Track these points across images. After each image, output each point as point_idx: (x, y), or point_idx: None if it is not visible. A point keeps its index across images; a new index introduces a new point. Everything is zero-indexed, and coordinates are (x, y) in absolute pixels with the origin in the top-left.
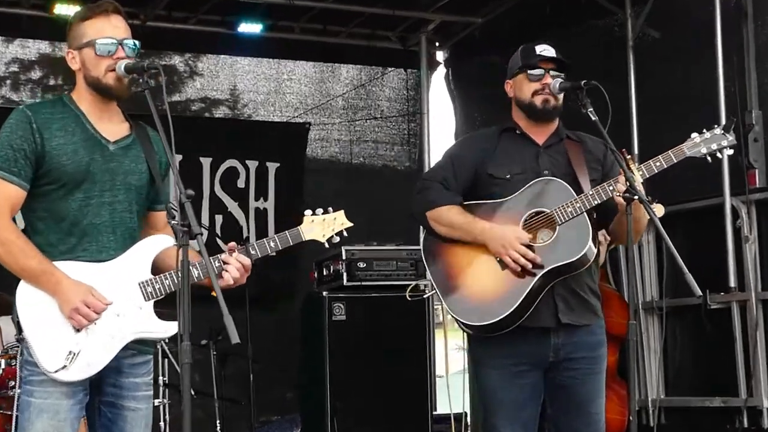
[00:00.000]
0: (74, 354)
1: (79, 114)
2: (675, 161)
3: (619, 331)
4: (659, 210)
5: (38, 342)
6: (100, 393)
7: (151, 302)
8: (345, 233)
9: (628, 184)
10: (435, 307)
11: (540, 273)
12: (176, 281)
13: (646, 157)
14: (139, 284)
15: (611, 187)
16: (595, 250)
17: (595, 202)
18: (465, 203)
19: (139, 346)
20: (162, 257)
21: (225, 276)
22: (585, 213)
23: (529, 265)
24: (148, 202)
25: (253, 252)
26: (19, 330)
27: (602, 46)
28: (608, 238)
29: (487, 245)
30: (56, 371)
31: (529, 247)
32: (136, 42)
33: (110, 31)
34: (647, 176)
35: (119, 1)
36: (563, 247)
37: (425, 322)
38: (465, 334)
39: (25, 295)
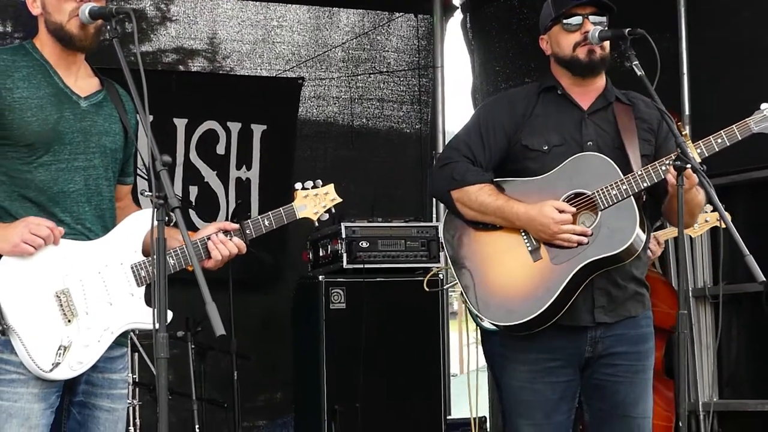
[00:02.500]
0: (64, 348)
1: (45, 64)
2: (739, 138)
3: (666, 322)
4: (713, 220)
5: (27, 335)
6: (71, 392)
7: (143, 288)
8: (333, 210)
9: (678, 150)
10: (450, 294)
11: (577, 267)
12: (172, 263)
13: (699, 124)
14: (132, 267)
15: (663, 167)
16: (644, 238)
17: (644, 185)
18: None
19: (119, 338)
20: None
21: (214, 255)
22: (632, 197)
23: (585, 240)
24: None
25: (248, 232)
26: (0, 320)
27: None
28: (662, 243)
29: (528, 230)
30: (50, 370)
31: None
32: None
33: None
34: (706, 155)
35: None
36: (606, 237)
37: (438, 311)
38: (479, 328)
39: (5, 279)
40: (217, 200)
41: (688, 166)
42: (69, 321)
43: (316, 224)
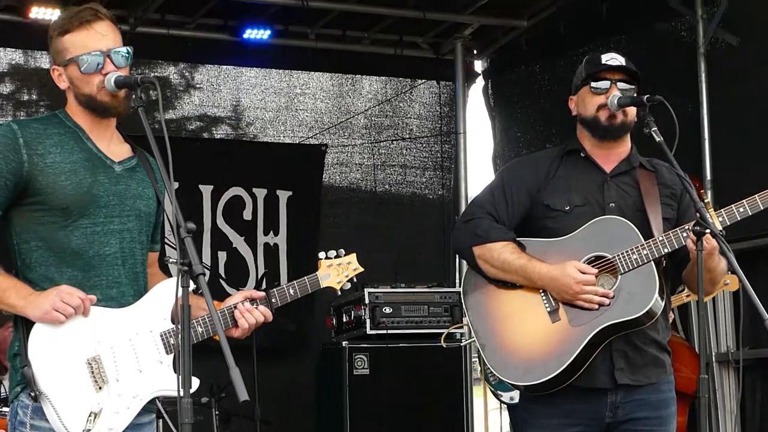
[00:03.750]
0: (95, 415)
1: (78, 131)
2: (761, 208)
3: (689, 387)
4: (733, 283)
5: (59, 401)
6: None
7: (172, 356)
8: (355, 280)
9: (698, 215)
10: (473, 360)
11: (596, 329)
12: (200, 331)
13: (721, 189)
14: (161, 335)
15: (685, 234)
16: (663, 304)
17: (665, 251)
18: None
19: (147, 404)
20: None
21: (241, 324)
22: (652, 262)
23: (606, 301)
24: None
25: (273, 301)
26: (32, 385)
27: (669, 53)
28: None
29: (548, 290)
30: None
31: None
32: (129, 49)
33: (94, 43)
34: (728, 224)
35: (105, 3)
36: (625, 301)
37: (462, 377)
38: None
39: (38, 345)
40: (246, 266)
41: (708, 231)
42: (100, 388)
43: (339, 293)
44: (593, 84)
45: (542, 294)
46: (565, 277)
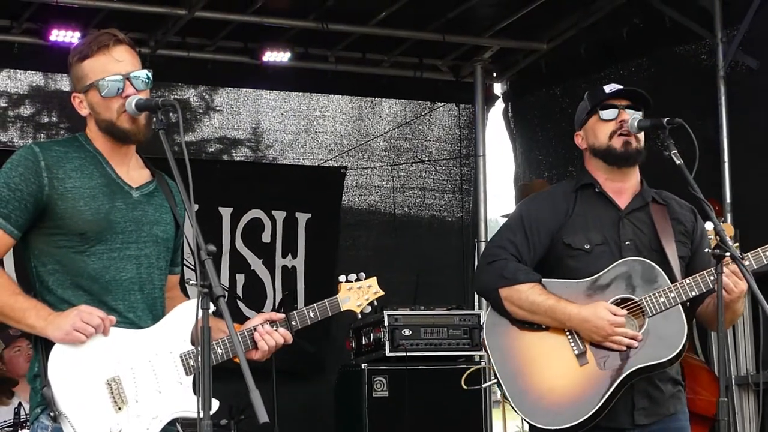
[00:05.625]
0: None
1: (98, 156)
2: None
3: (709, 411)
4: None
5: (78, 421)
6: None
7: (191, 377)
8: (376, 303)
9: (718, 238)
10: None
11: (626, 372)
12: (220, 353)
13: (740, 211)
14: (181, 356)
15: (712, 277)
16: (687, 345)
17: (693, 294)
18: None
19: (166, 426)
20: None
21: (260, 346)
22: (680, 305)
23: (635, 344)
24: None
25: (293, 323)
26: (52, 406)
27: (688, 76)
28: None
29: (578, 331)
30: None
31: None
32: (148, 73)
33: (114, 67)
34: (755, 267)
35: (124, 26)
36: (654, 344)
37: (481, 400)
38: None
39: (58, 366)
40: (264, 288)
41: (728, 254)
42: (119, 408)
43: (359, 317)
44: (602, 112)
45: (569, 336)
46: (598, 319)
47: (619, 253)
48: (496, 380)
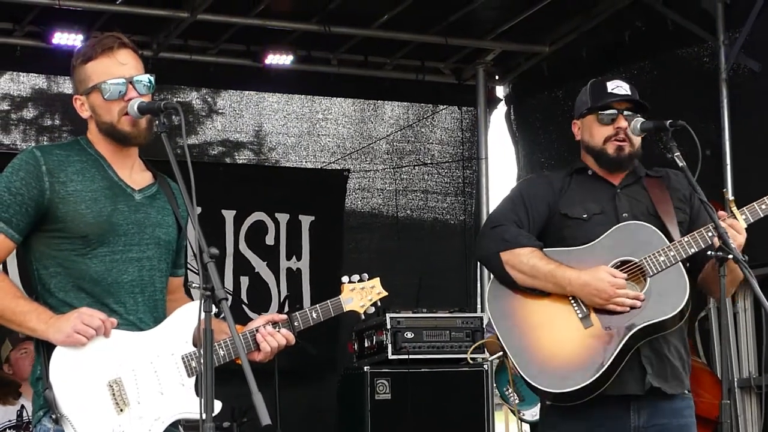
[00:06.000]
0: None
1: (100, 159)
2: None
3: (711, 413)
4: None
5: (80, 423)
6: None
7: (193, 378)
8: (379, 304)
9: (720, 241)
10: (494, 385)
11: (632, 331)
12: (222, 354)
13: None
14: (183, 358)
15: (710, 233)
16: (690, 304)
17: (692, 251)
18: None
19: (169, 428)
20: None
21: (263, 347)
22: (680, 263)
23: (638, 304)
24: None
25: (296, 324)
26: (54, 408)
27: (691, 79)
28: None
29: (579, 296)
30: None
31: None
32: (150, 77)
33: (117, 70)
34: (752, 221)
35: (127, 29)
36: (656, 302)
37: (484, 402)
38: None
39: (59, 368)
40: (268, 291)
41: (731, 256)
42: (121, 410)
43: (362, 317)
44: (601, 113)
45: (572, 300)
46: (599, 282)
47: (617, 223)
48: (498, 355)
